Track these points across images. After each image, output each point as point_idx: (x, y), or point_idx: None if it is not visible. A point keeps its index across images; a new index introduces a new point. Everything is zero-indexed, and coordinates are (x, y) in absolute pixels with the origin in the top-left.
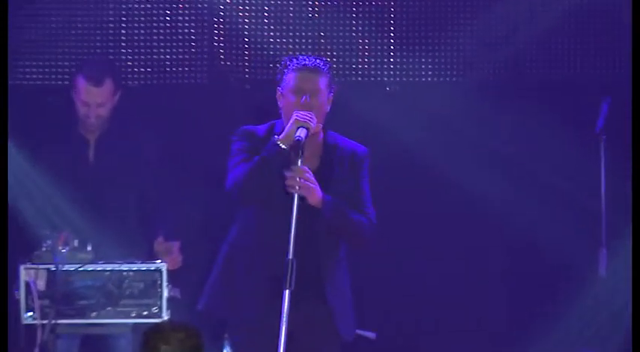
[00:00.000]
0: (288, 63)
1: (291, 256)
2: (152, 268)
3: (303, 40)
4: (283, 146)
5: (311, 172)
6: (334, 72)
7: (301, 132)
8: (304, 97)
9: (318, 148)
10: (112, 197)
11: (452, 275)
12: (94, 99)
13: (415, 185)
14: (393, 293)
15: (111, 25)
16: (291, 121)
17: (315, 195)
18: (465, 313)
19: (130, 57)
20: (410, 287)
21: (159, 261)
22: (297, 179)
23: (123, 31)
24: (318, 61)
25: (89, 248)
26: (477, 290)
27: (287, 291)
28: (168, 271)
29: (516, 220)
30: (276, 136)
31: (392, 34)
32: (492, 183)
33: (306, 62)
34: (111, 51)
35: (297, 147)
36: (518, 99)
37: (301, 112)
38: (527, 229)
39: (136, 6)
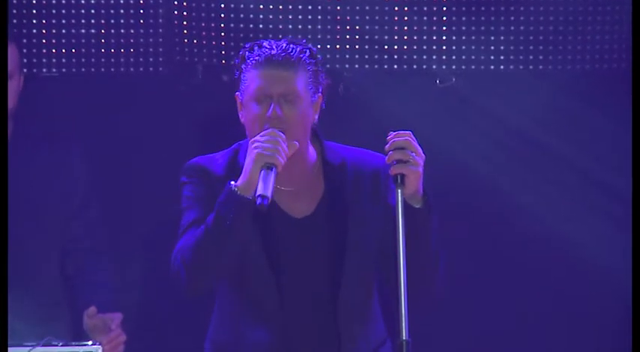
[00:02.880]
0: (247, 54)
1: (405, 336)
2: None
3: (318, 16)
4: (246, 195)
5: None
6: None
7: (266, 182)
8: (272, 107)
9: (315, 172)
10: (18, 237)
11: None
12: None
13: (473, 200)
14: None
15: None
16: (249, 156)
17: (419, 177)
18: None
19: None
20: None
21: (90, 342)
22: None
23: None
24: (291, 47)
25: None
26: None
27: None
28: None
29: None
30: (232, 182)
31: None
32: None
33: (272, 51)
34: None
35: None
36: (604, 97)
37: (262, 138)
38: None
39: None
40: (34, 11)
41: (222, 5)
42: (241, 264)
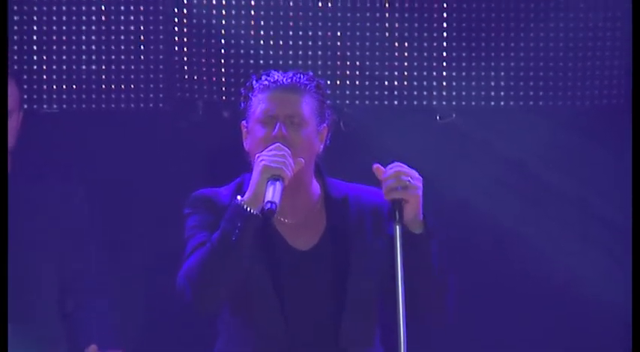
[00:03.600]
0: (254, 83)
1: None
2: None
3: (319, 52)
4: (252, 210)
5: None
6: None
7: (274, 191)
8: (277, 126)
9: (319, 206)
10: (16, 271)
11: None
12: None
13: (474, 236)
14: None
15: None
16: (256, 169)
17: (419, 200)
18: None
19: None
20: None
21: None
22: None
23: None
24: (299, 76)
25: None
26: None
27: None
28: None
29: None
30: (239, 197)
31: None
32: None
33: (280, 78)
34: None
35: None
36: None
37: (269, 153)
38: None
39: None
40: (34, 47)
41: (223, 41)
42: (246, 294)
